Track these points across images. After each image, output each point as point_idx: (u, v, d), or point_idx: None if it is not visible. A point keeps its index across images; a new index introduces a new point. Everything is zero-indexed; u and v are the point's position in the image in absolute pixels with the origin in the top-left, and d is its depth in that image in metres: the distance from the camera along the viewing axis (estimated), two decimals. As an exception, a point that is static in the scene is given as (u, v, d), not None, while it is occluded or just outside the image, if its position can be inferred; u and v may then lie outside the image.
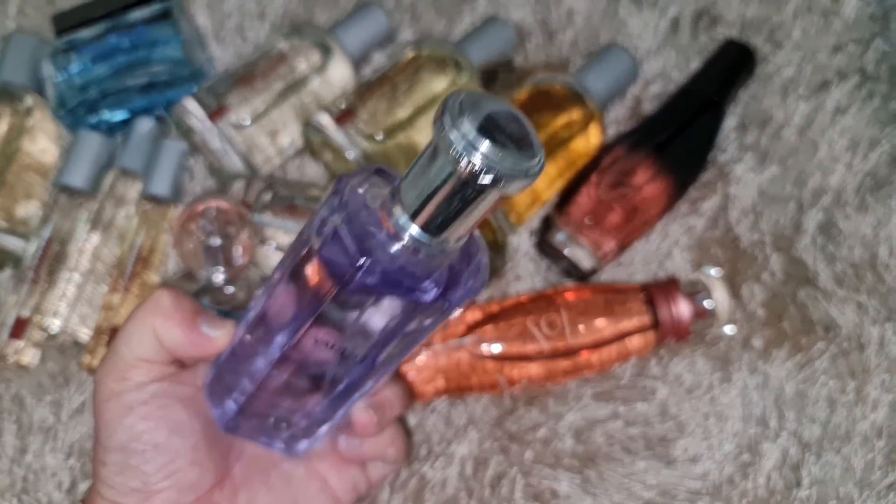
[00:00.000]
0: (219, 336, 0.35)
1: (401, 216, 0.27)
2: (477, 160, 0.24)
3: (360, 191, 0.29)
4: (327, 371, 0.34)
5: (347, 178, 0.29)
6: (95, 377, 0.35)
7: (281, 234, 0.50)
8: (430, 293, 0.29)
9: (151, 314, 0.35)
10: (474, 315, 0.47)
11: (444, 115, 0.24)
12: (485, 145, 0.24)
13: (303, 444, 0.38)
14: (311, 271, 0.30)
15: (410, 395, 0.44)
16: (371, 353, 0.32)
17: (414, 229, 0.27)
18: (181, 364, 0.37)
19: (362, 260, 0.27)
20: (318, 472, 0.39)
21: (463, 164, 0.24)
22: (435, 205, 0.26)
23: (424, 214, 0.27)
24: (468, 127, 0.24)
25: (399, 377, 0.44)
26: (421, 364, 0.46)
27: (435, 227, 0.27)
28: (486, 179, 0.24)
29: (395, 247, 0.28)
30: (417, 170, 0.27)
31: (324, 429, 0.37)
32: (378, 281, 0.28)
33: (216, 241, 0.45)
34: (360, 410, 0.37)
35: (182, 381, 0.36)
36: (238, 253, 0.47)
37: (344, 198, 0.28)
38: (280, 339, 0.32)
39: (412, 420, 0.48)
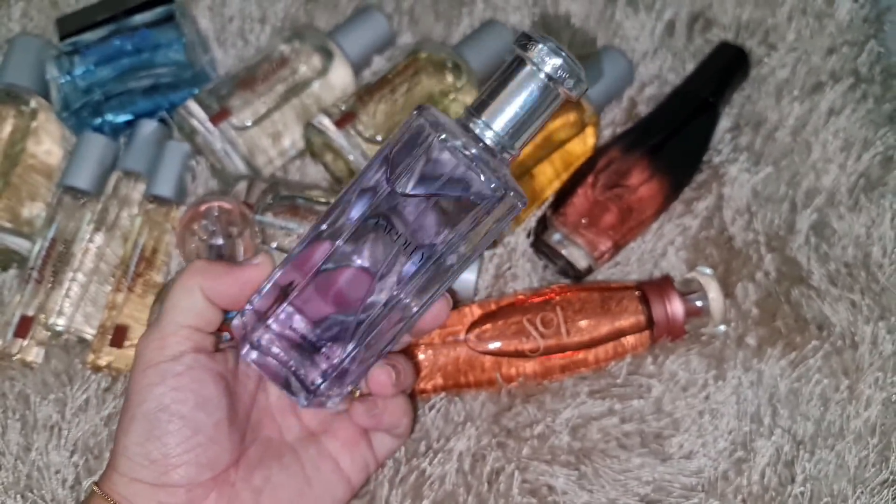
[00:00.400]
0: (260, 261, 0.37)
1: (481, 121, 0.34)
2: (556, 63, 0.33)
3: (440, 116, 0.35)
4: (352, 318, 0.36)
5: (428, 106, 0.35)
6: (137, 348, 0.36)
7: (282, 235, 0.50)
8: (492, 188, 0.33)
9: (193, 276, 0.37)
10: (472, 313, 0.48)
11: (527, 36, 0.33)
12: (562, 55, 0.33)
13: (319, 398, 0.38)
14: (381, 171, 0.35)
15: (417, 370, 0.46)
16: (413, 270, 0.35)
17: (493, 130, 0.34)
18: (217, 344, 0.38)
19: (443, 141, 0.33)
20: (329, 453, 0.40)
21: (548, 66, 0.33)
22: (513, 106, 0.34)
23: (502, 117, 0.34)
24: (551, 43, 0.33)
25: (408, 354, 0.46)
26: (420, 361, 0.47)
27: (509, 127, 0.34)
28: (560, 77, 0.33)
29: (475, 147, 0.33)
30: (495, 85, 0.34)
31: (334, 390, 0.38)
32: (455, 172, 0.33)
33: (218, 241, 0.46)
34: (377, 368, 0.38)
35: (217, 360, 0.37)
36: (240, 252, 0.48)
37: (430, 115, 0.34)
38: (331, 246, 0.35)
39: (411, 417, 0.48)
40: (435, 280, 0.36)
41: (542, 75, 0.33)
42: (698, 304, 0.48)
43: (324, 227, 0.36)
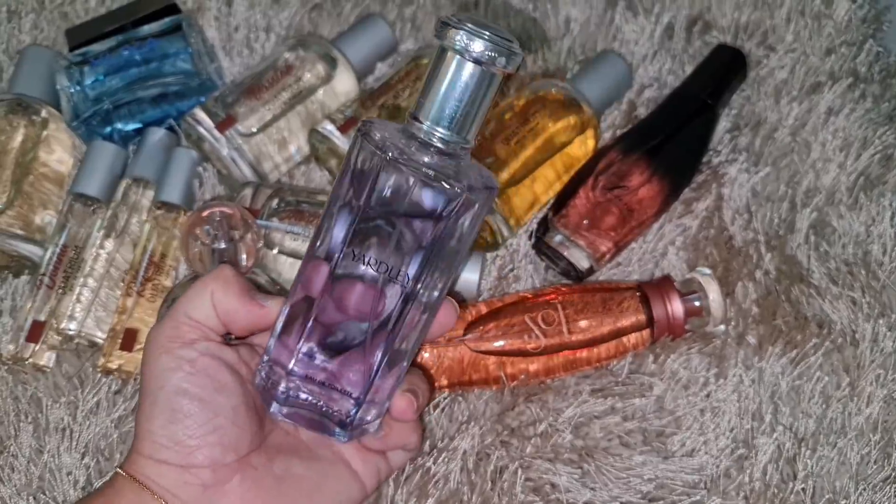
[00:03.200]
0: (271, 306, 0.38)
1: (425, 125, 0.33)
2: (479, 46, 0.31)
3: (383, 130, 0.34)
4: (358, 335, 0.36)
5: (369, 121, 0.34)
6: (149, 335, 0.38)
7: (288, 239, 0.51)
8: (460, 191, 0.33)
9: (212, 281, 0.38)
10: (475, 312, 0.48)
11: (447, 22, 0.32)
12: (485, 34, 0.32)
13: (346, 428, 0.38)
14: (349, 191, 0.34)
15: (431, 383, 0.46)
16: (407, 287, 0.35)
17: (439, 131, 0.33)
18: (225, 339, 0.39)
19: (391, 161, 0.32)
20: (343, 455, 0.41)
21: (472, 51, 0.31)
22: (450, 100, 0.32)
23: (444, 114, 0.33)
24: (470, 25, 0.32)
25: (421, 369, 0.46)
26: (424, 361, 0.47)
27: (453, 122, 0.33)
28: (487, 58, 0.31)
29: (427, 154, 0.33)
30: (428, 83, 0.33)
31: (369, 416, 0.38)
32: (412, 187, 0.32)
33: (221, 245, 0.47)
34: (398, 397, 0.39)
35: (226, 351, 0.38)
36: (242, 256, 0.49)
37: (372, 133, 0.33)
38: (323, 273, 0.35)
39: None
40: (439, 273, 0.36)
41: (469, 62, 0.32)
42: (698, 303, 0.49)
43: (316, 249, 0.36)
